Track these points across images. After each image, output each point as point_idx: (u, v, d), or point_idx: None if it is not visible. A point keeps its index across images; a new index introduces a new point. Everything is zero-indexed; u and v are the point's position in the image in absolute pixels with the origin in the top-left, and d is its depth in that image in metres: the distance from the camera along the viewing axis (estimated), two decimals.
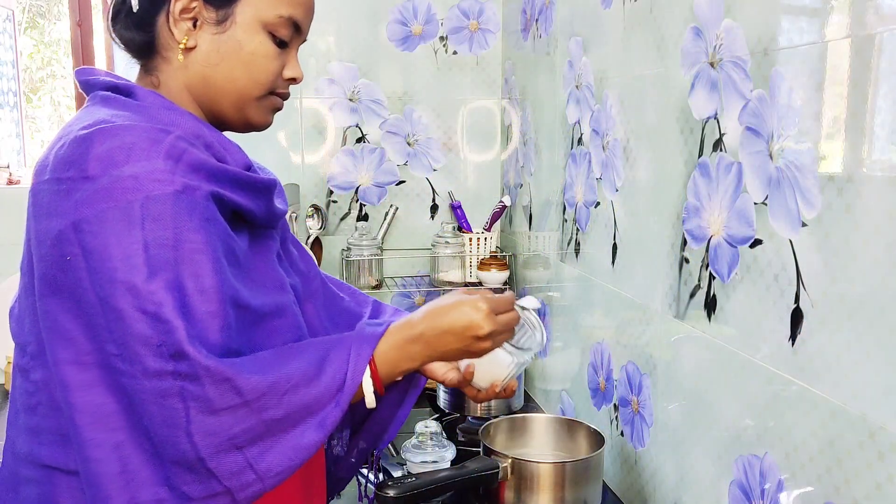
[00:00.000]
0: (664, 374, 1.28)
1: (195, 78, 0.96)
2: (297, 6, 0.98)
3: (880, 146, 0.81)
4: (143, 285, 0.80)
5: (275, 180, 1.00)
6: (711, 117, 1.11)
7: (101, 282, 0.81)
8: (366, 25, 2.24)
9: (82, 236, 0.81)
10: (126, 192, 0.81)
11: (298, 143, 2.26)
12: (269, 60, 0.97)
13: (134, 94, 0.93)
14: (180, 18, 0.94)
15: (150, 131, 0.85)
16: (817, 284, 0.90)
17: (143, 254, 0.81)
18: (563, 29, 1.72)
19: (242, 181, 0.92)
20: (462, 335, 0.95)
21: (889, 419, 0.80)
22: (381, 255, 2.22)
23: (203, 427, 0.81)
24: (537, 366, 1.97)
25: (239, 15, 0.95)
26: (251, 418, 0.83)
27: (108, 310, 0.81)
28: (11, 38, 2.55)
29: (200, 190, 0.85)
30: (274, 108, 1.02)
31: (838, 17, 0.86)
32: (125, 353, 0.81)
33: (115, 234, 0.81)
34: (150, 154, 0.83)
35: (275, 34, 0.97)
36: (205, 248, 0.84)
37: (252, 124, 1.01)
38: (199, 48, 0.95)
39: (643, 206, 1.34)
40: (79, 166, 0.82)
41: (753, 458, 1.03)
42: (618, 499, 1.45)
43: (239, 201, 0.91)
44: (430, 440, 1.45)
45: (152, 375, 0.80)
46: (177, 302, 0.81)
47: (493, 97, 2.33)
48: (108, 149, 0.82)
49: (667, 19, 1.23)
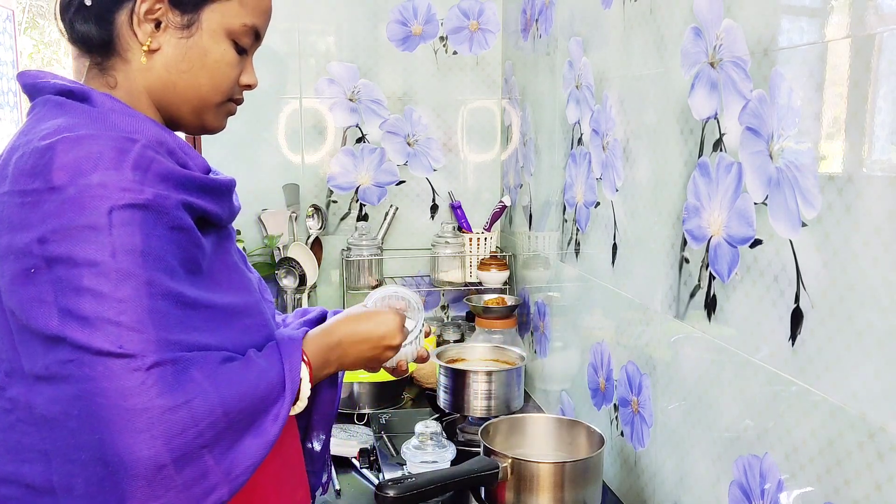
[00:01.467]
0: (664, 374, 1.28)
1: (157, 82, 0.95)
2: (260, 15, 0.98)
3: (880, 146, 0.80)
4: (111, 293, 0.79)
5: (233, 180, 1.01)
6: (711, 117, 1.11)
7: (66, 290, 0.79)
8: (366, 25, 2.24)
9: (47, 247, 0.79)
10: (94, 200, 0.80)
11: (298, 143, 2.26)
12: (232, 68, 0.97)
13: (90, 98, 0.90)
14: (144, 19, 0.92)
15: (117, 140, 0.83)
16: (817, 284, 0.90)
17: (112, 261, 0.79)
18: (563, 29, 1.72)
19: (208, 186, 0.92)
20: (377, 344, 1.05)
21: (889, 419, 0.80)
22: (381, 255, 2.22)
23: (167, 429, 0.80)
24: (537, 366, 1.97)
25: (205, 21, 0.94)
26: (213, 425, 0.83)
27: (72, 318, 0.79)
28: (12, 38, 2.55)
29: (170, 199, 0.84)
30: (229, 114, 1.02)
31: (838, 17, 0.86)
32: (85, 359, 0.79)
33: (81, 243, 0.79)
34: (118, 164, 0.81)
35: (237, 42, 0.97)
36: (170, 257, 0.84)
37: (207, 129, 1.01)
38: (163, 52, 0.93)
39: (643, 206, 1.34)
40: (44, 177, 0.80)
41: (753, 458, 1.03)
42: (618, 499, 1.45)
43: (206, 206, 0.91)
44: (430, 440, 1.46)
45: (115, 378, 0.79)
46: (144, 309, 0.80)
47: (493, 97, 2.33)
48: (74, 158, 0.81)
49: (667, 19, 1.23)
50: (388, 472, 1.46)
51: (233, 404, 0.85)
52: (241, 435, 0.86)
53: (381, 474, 1.47)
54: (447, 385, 1.67)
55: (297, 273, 2.11)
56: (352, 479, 1.52)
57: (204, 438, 0.82)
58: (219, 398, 0.84)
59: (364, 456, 1.55)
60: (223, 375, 0.86)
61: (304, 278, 2.11)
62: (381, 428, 1.67)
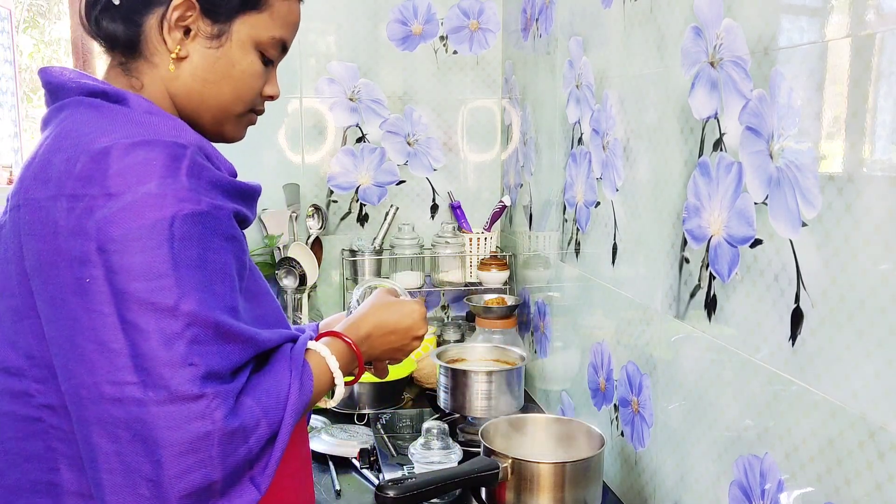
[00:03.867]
0: (664, 374, 1.28)
1: (182, 89, 0.94)
2: (289, 28, 0.98)
3: (881, 146, 0.80)
4: (176, 306, 0.78)
5: (261, 186, 1.00)
6: (711, 117, 1.11)
7: (128, 303, 0.77)
8: (366, 25, 2.24)
9: (108, 257, 0.77)
10: (153, 210, 0.78)
11: (298, 143, 2.26)
12: (257, 79, 0.97)
13: (126, 100, 0.89)
14: (175, 27, 0.91)
15: (169, 146, 0.82)
16: (817, 284, 0.90)
17: (174, 274, 0.78)
18: (563, 28, 1.72)
19: (245, 192, 0.92)
20: (405, 335, 1.05)
21: (889, 419, 0.80)
22: (381, 255, 2.22)
23: (227, 452, 0.80)
24: (537, 366, 1.97)
25: (235, 33, 0.94)
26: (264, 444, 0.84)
27: (133, 331, 0.77)
28: (10, 37, 2.55)
29: (224, 209, 0.84)
30: (249, 124, 1.02)
31: (838, 17, 0.86)
32: (147, 380, 0.77)
33: (141, 254, 0.78)
34: (174, 171, 0.80)
35: (264, 53, 0.97)
36: (228, 268, 0.83)
37: (226, 138, 1.01)
38: (191, 60, 0.93)
39: (643, 206, 1.34)
40: (100, 183, 0.79)
41: (753, 458, 1.03)
42: (618, 499, 1.45)
43: (245, 213, 0.91)
44: (436, 440, 1.45)
45: (178, 399, 0.77)
46: (209, 323, 0.80)
47: (493, 97, 2.33)
48: (130, 165, 0.79)
49: (667, 19, 1.23)
50: (388, 472, 1.46)
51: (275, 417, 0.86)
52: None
53: (381, 474, 1.47)
54: (447, 385, 1.67)
55: (297, 273, 2.11)
56: (352, 479, 1.52)
57: (252, 455, 0.83)
58: (265, 418, 0.84)
59: (364, 456, 1.55)
60: (262, 392, 0.86)
61: (305, 278, 2.11)
62: (382, 428, 1.67)
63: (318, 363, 0.95)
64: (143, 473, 0.78)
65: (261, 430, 0.83)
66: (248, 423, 0.82)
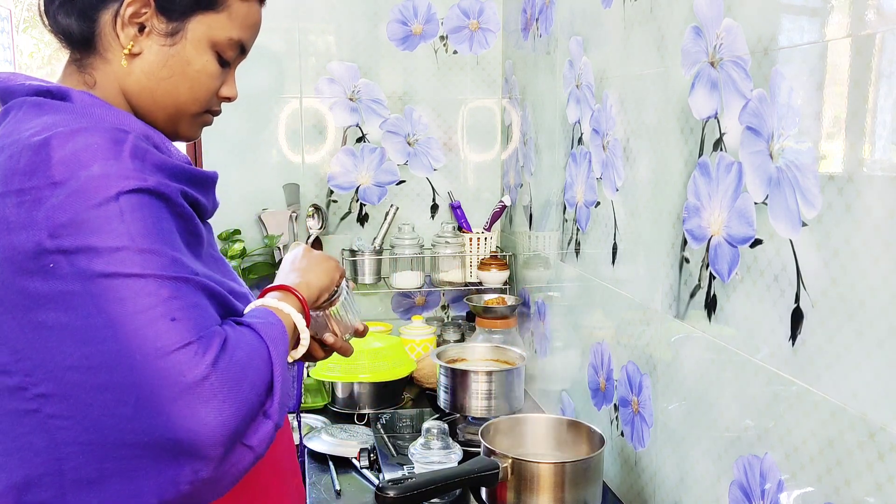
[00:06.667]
0: (664, 374, 1.28)
1: (135, 86, 0.94)
2: (247, 29, 0.98)
3: (881, 146, 0.80)
4: (142, 273, 0.79)
5: (217, 174, 1.01)
6: (711, 117, 1.11)
7: (95, 279, 0.79)
8: (366, 25, 2.24)
9: (61, 241, 0.78)
10: (100, 190, 0.79)
11: (298, 143, 2.25)
12: (212, 80, 0.97)
13: (69, 97, 0.89)
14: (129, 22, 0.91)
15: (110, 131, 0.83)
16: (817, 284, 0.90)
17: (131, 245, 0.79)
18: (563, 28, 1.72)
19: (198, 178, 0.92)
20: (327, 266, 1.07)
21: (889, 419, 0.80)
22: (381, 255, 2.22)
23: (231, 388, 0.81)
24: (537, 366, 1.97)
25: (190, 31, 0.93)
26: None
27: (109, 303, 0.78)
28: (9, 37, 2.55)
29: (171, 187, 0.84)
30: (204, 124, 1.02)
31: (838, 17, 0.86)
32: (133, 344, 0.78)
33: (96, 234, 0.78)
34: (116, 154, 0.81)
35: (221, 54, 0.96)
36: (177, 239, 0.84)
37: (180, 137, 1.01)
38: (145, 56, 0.93)
39: (643, 206, 1.34)
40: (43, 173, 0.79)
41: (753, 458, 1.03)
42: (618, 499, 1.45)
43: (197, 197, 0.91)
44: (436, 440, 1.45)
45: (169, 353, 0.78)
46: (179, 279, 0.81)
47: (493, 97, 2.33)
48: (72, 151, 0.80)
49: (667, 19, 1.23)
50: (388, 472, 1.46)
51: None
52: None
53: (381, 474, 1.47)
54: (447, 385, 1.67)
55: None
56: (352, 479, 1.52)
57: (256, 388, 0.83)
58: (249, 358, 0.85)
59: (364, 456, 1.55)
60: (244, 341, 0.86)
61: None
62: (382, 428, 1.67)
63: (278, 311, 0.96)
64: (164, 433, 0.79)
65: (256, 362, 0.84)
66: (242, 358, 0.83)
